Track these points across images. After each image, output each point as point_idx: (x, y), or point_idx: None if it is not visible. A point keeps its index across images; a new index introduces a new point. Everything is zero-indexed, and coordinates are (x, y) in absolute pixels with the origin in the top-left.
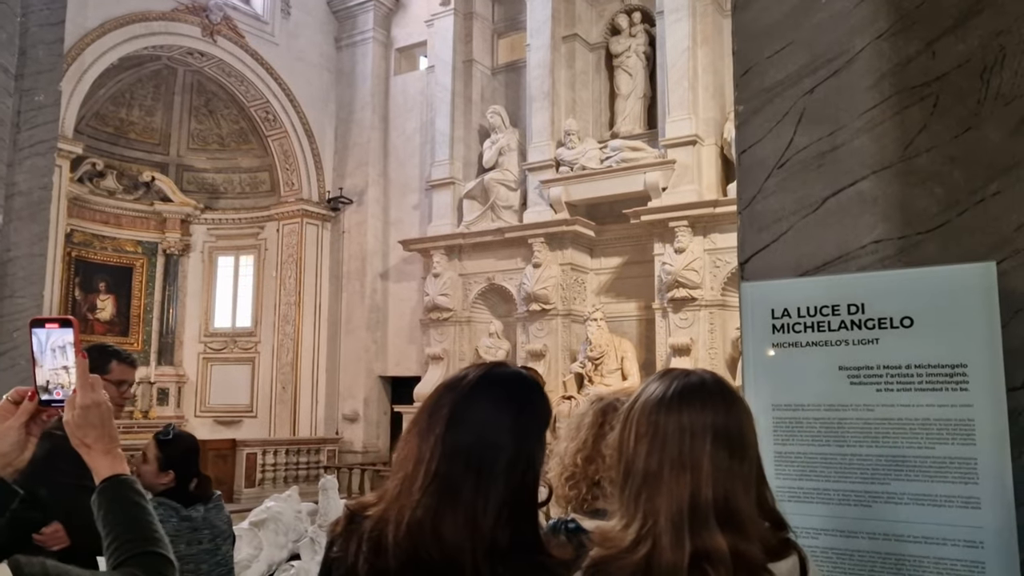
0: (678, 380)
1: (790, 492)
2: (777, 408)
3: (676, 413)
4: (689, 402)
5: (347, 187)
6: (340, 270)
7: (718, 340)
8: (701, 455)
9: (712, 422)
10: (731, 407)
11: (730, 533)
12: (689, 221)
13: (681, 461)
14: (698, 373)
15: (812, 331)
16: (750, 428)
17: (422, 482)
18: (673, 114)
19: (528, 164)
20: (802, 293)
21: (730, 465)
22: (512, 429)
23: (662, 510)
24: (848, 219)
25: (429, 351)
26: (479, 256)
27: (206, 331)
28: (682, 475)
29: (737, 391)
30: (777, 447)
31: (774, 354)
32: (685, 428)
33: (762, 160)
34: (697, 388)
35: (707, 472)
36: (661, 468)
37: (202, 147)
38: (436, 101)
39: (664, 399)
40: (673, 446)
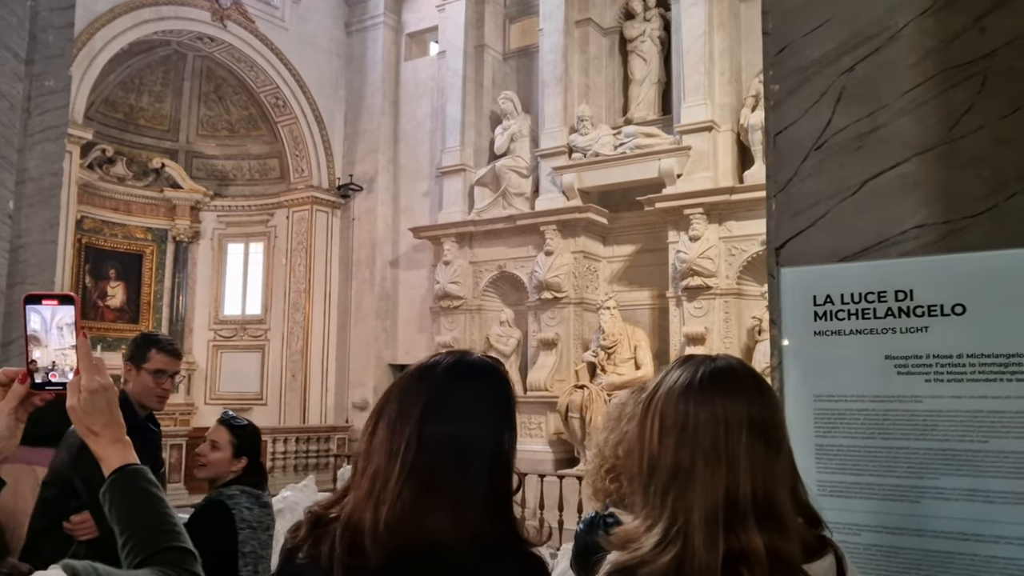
0: (705, 366)
1: (831, 487)
2: (818, 399)
3: (708, 402)
4: (722, 390)
5: (357, 174)
6: (350, 257)
7: (733, 329)
8: (737, 447)
9: (748, 411)
10: (765, 395)
11: (768, 531)
12: (704, 208)
13: (716, 454)
14: (725, 358)
15: (856, 318)
16: (783, 418)
17: (399, 476)
18: (689, 99)
19: (540, 150)
20: (846, 279)
21: (767, 457)
22: (490, 418)
23: (695, 508)
24: (889, 203)
25: (439, 339)
26: (490, 244)
27: (216, 318)
28: (717, 469)
29: (764, 379)
30: (818, 439)
31: (815, 342)
32: (719, 418)
33: (798, 142)
34: (728, 375)
35: (744, 465)
36: (694, 462)
37: (211, 133)
38: (447, 87)
39: (693, 386)
40: (706, 438)
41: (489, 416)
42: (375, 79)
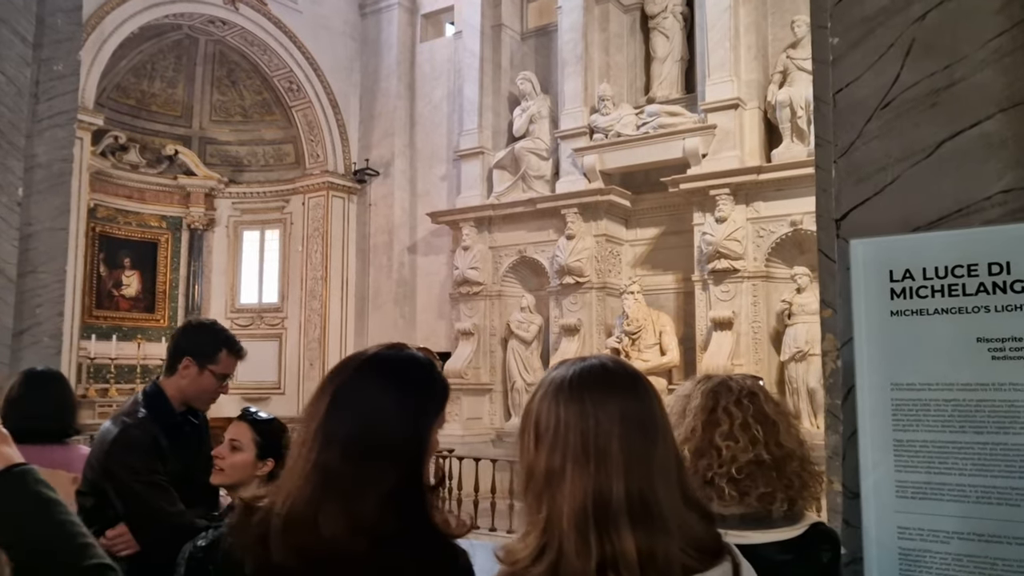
0: (575, 366)
1: (913, 488)
2: (897, 387)
3: (577, 401)
4: (591, 388)
5: (373, 158)
6: (367, 244)
7: (761, 313)
8: (608, 444)
9: (620, 408)
10: (639, 391)
11: (645, 531)
12: (731, 189)
13: (585, 453)
14: (597, 357)
15: (942, 295)
16: (663, 411)
17: (302, 471)
18: (713, 76)
19: (560, 132)
20: (928, 250)
21: (643, 453)
22: (398, 414)
23: (564, 511)
24: (969, 166)
25: (459, 326)
26: (510, 228)
27: (232, 307)
28: (586, 468)
29: (642, 375)
30: (897, 434)
31: (892, 323)
32: (588, 416)
33: (862, 101)
34: (598, 372)
35: (617, 461)
36: (564, 464)
37: (225, 119)
38: (464, 68)
39: (563, 388)
40: (576, 438)
41: (396, 411)
42: (390, 61)
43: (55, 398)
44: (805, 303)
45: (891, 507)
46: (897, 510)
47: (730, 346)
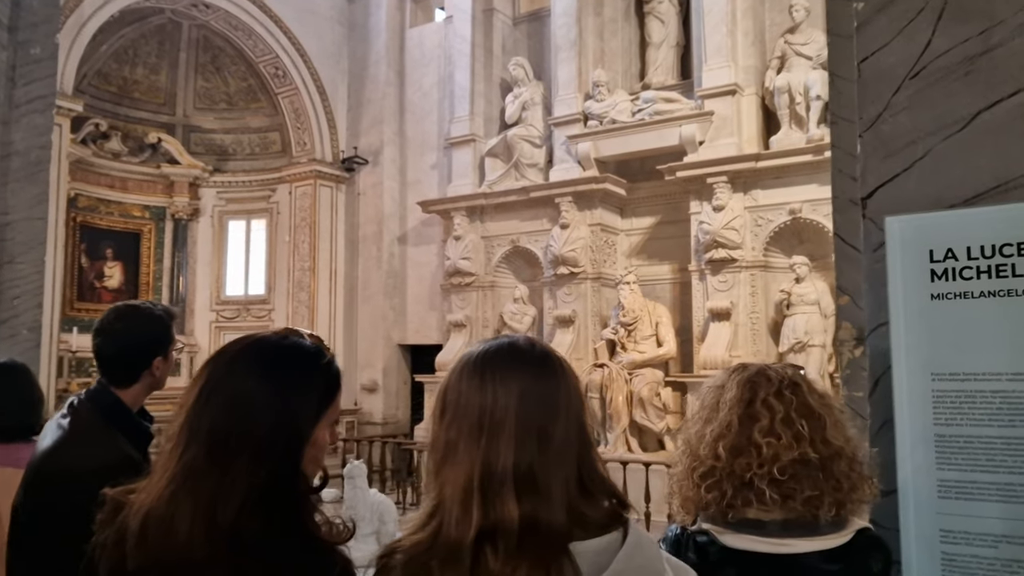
0: (486, 344)
1: (957, 488)
2: (939, 377)
3: (479, 376)
4: (496, 365)
5: (362, 146)
6: (356, 234)
7: (760, 303)
8: (504, 418)
9: (521, 383)
10: (546, 369)
11: (530, 502)
12: (729, 177)
13: (480, 426)
14: (513, 336)
15: (989, 277)
16: (568, 390)
17: (167, 465)
18: (710, 62)
19: (554, 119)
20: (973, 227)
21: (542, 428)
22: (272, 405)
23: (451, 480)
24: (1008, 138)
25: (451, 318)
26: (502, 217)
27: (218, 299)
28: (478, 440)
29: (559, 356)
30: (939, 428)
31: (933, 308)
32: (487, 390)
33: (889, 69)
34: (505, 349)
35: (509, 435)
36: (459, 437)
37: (209, 106)
38: (455, 54)
39: (469, 365)
40: (473, 412)
41: (270, 402)
42: (379, 47)
43: (18, 392)
44: (804, 293)
45: (932, 508)
46: (939, 511)
47: (728, 337)
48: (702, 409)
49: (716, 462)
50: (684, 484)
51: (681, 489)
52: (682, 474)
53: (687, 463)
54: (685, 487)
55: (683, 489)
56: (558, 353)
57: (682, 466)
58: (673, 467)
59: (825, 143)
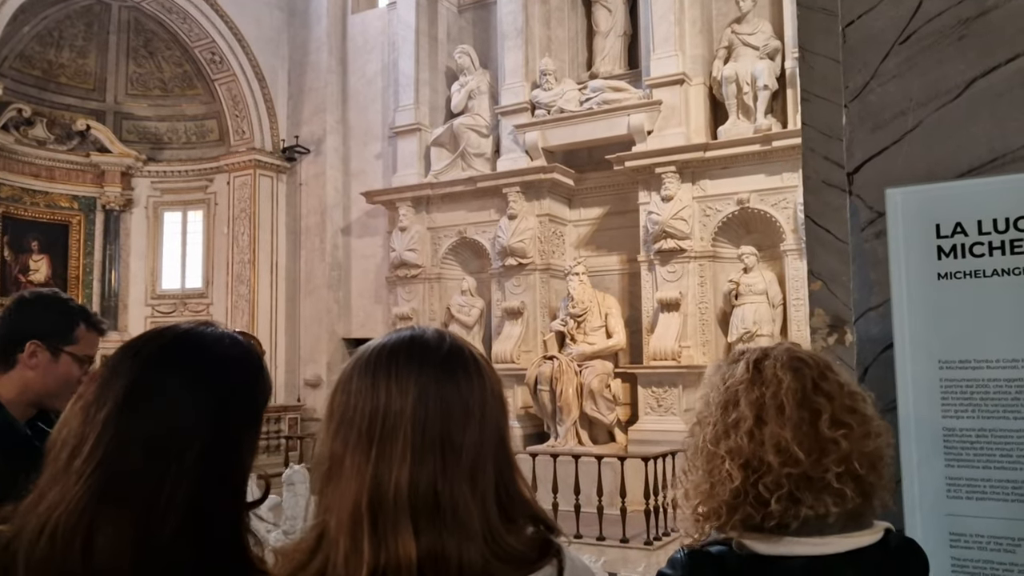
0: (385, 337)
1: (968, 486)
2: (947, 366)
3: (371, 375)
4: (390, 361)
5: (303, 135)
6: (298, 225)
7: (708, 294)
8: (397, 424)
9: (422, 383)
10: (454, 366)
11: (432, 532)
12: (677, 167)
13: (369, 435)
14: (419, 328)
15: (1003, 254)
16: (484, 393)
17: (79, 476)
18: (658, 51)
19: (501, 108)
20: (985, 198)
21: (447, 439)
22: (212, 410)
23: (337, 504)
24: (1005, 108)
25: (396, 311)
26: (449, 208)
27: (153, 293)
28: (367, 453)
29: (474, 353)
30: (947, 421)
31: (940, 289)
32: (379, 391)
33: (877, 34)
34: (405, 343)
35: (404, 447)
36: (346, 449)
37: (142, 93)
38: (399, 41)
39: (361, 361)
40: (361, 417)
41: (210, 407)
42: (320, 34)
43: None
44: (752, 283)
45: (940, 509)
46: (948, 512)
47: (677, 328)
48: (709, 407)
49: (793, 467)
50: (702, 494)
51: (698, 500)
52: (696, 483)
53: (705, 468)
54: (704, 495)
55: (702, 500)
56: (474, 349)
57: (700, 473)
58: (686, 476)
59: (773, 133)
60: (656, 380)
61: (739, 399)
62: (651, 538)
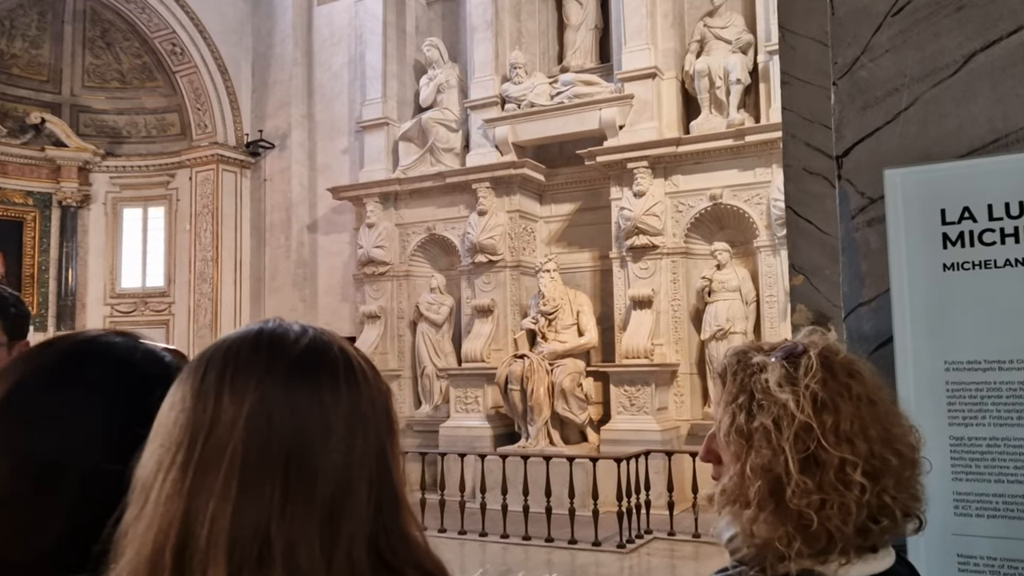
0: (233, 333)
1: (978, 502)
2: (954, 367)
3: (198, 379)
4: (226, 361)
5: (267, 130)
6: (262, 222)
7: (681, 290)
8: (224, 443)
9: (262, 393)
10: (311, 368)
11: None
12: (649, 162)
13: (187, 456)
14: (274, 322)
15: (1017, 241)
16: (358, 405)
17: None
18: (630, 44)
19: (470, 102)
20: (996, 180)
21: (296, 461)
22: (100, 430)
23: (136, 544)
24: (1007, 84)
25: (364, 309)
26: (418, 204)
27: (112, 292)
28: (182, 479)
29: (347, 353)
30: (954, 430)
31: (946, 281)
32: (206, 399)
33: (868, 5)
34: (249, 339)
35: (228, 473)
36: (156, 472)
37: (100, 85)
38: (366, 33)
39: (192, 363)
40: (179, 431)
41: (97, 427)
42: (285, 25)
43: None
44: (725, 280)
45: (946, 527)
46: (956, 532)
47: (650, 325)
48: (837, 410)
49: (910, 468)
50: (834, 514)
51: (763, 514)
52: (842, 500)
53: (869, 483)
54: (839, 516)
55: (830, 519)
56: (350, 348)
57: (859, 485)
58: (725, 483)
59: (746, 127)
60: (628, 379)
61: (828, 398)
62: (624, 541)
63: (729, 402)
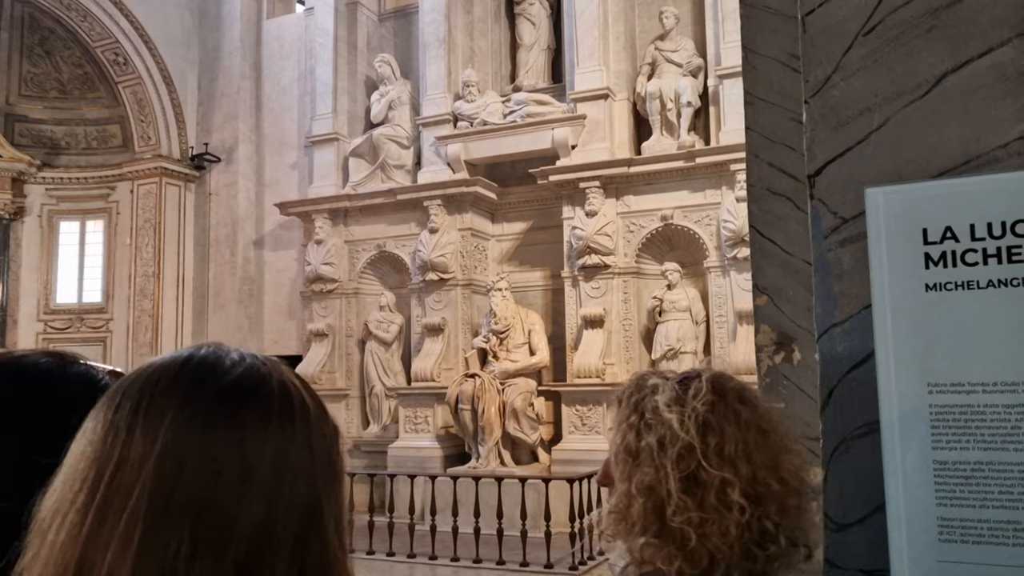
0: (168, 355)
1: (963, 528)
2: (937, 390)
3: (112, 408)
4: (143, 390)
5: (213, 143)
6: (206, 237)
7: (632, 310)
8: (129, 485)
9: (178, 424)
10: (239, 401)
11: None
12: (601, 182)
13: (89, 496)
14: (206, 348)
15: (999, 262)
16: (288, 448)
17: None
18: (583, 65)
19: (422, 119)
20: (978, 200)
21: (210, 510)
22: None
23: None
24: (979, 105)
25: (312, 327)
26: (368, 221)
27: (46, 308)
28: (80, 524)
29: (286, 384)
30: (938, 453)
31: (928, 302)
32: (116, 432)
33: (839, 24)
34: (175, 366)
35: (132, 517)
36: (55, 516)
37: (38, 94)
38: (316, 47)
39: (110, 390)
40: (83, 468)
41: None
42: (233, 37)
43: None
44: (676, 300)
45: (931, 555)
46: (940, 559)
47: (601, 345)
48: (720, 432)
49: (794, 497)
50: (713, 533)
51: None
52: (721, 520)
53: (749, 505)
54: (716, 537)
55: (708, 539)
56: (290, 382)
57: (738, 506)
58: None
59: (696, 149)
60: (580, 398)
61: (714, 421)
62: (576, 563)
63: (621, 422)
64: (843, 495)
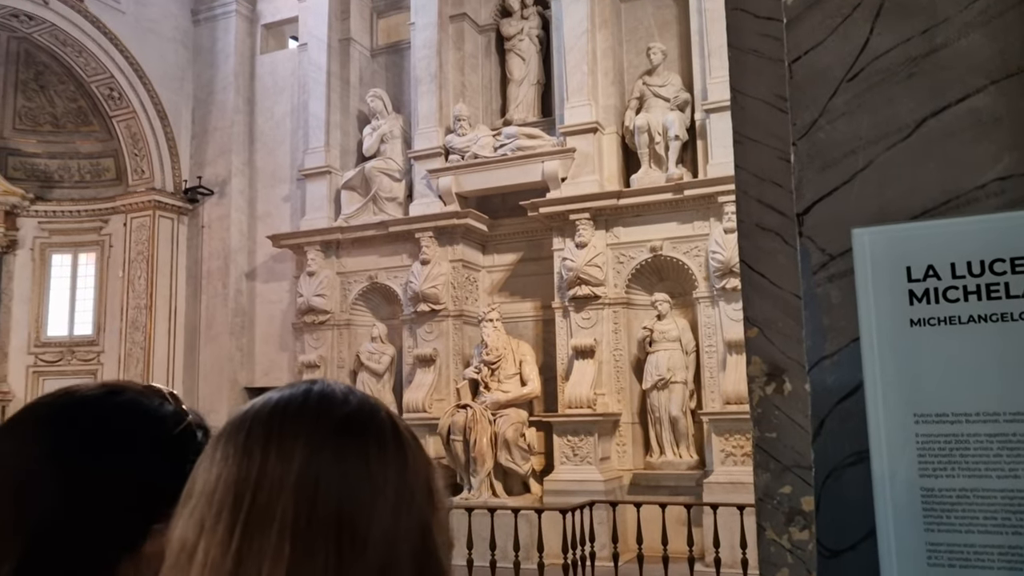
0: (272, 395)
1: (950, 553)
2: (924, 420)
3: (242, 438)
4: (272, 422)
5: (207, 176)
6: (199, 269)
7: (623, 340)
8: (272, 504)
9: (308, 450)
10: (358, 430)
11: None
12: (591, 214)
13: (233, 516)
14: (320, 382)
15: (979, 298)
16: (403, 473)
17: None
18: (572, 100)
19: (414, 152)
20: (958, 240)
21: (347, 522)
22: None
23: None
24: (957, 148)
25: (303, 358)
26: (360, 253)
27: (37, 340)
28: (228, 540)
29: (391, 418)
30: (925, 481)
31: (913, 336)
32: (252, 458)
33: (825, 70)
34: (296, 400)
35: (280, 534)
36: (200, 533)
37: (32, 128)
38: (309, 82)
39: (233, 423)
40: (222, 491)
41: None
42: (227, 72)
43: None
44: (666, 330)
45: None
46: None
47: (592, 375)
48: None
49: None
50: None
51: None
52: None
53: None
54: None
55: None
56: (394, 414)
57: None
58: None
59: (684, 182)
60: (572, 428)
61: None
62: None
63: None
64: (835, 522)
